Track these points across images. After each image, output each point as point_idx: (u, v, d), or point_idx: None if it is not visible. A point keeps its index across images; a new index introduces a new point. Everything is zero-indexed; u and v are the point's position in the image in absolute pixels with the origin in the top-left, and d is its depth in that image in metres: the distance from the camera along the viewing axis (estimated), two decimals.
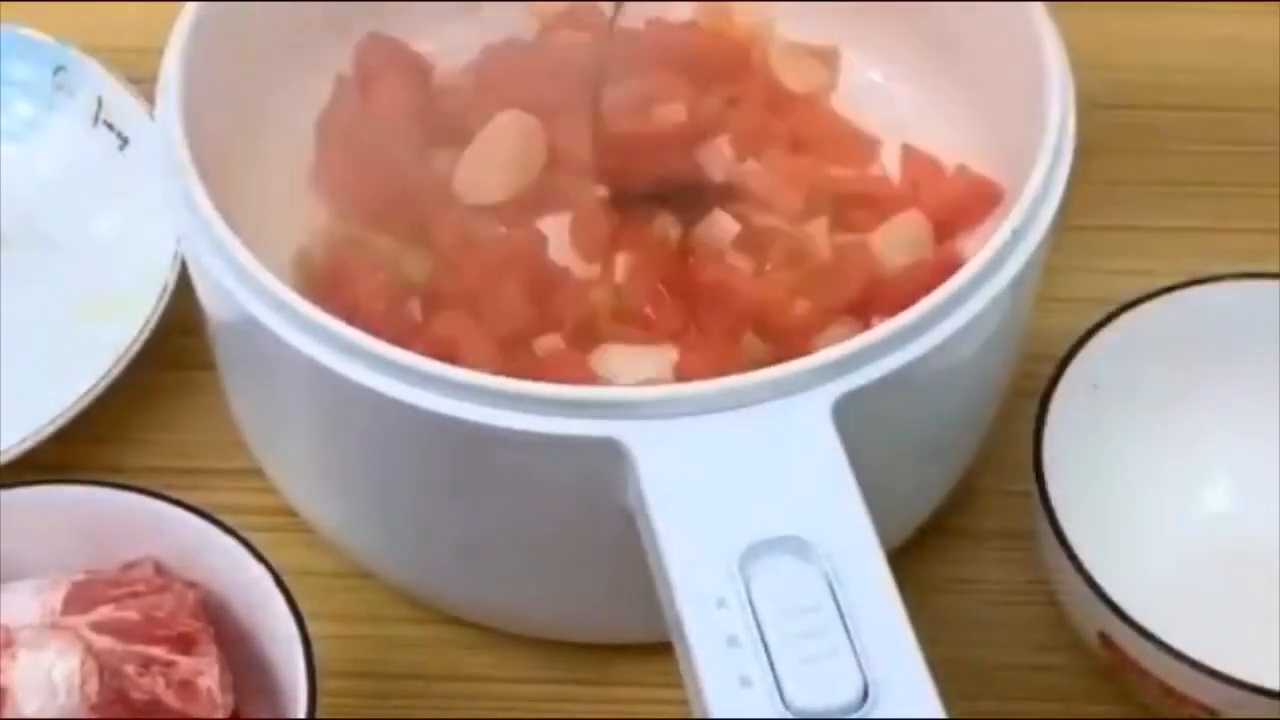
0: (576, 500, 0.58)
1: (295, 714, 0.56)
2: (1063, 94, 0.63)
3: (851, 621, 0.51)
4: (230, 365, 0.67)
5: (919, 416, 0.61)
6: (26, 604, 0.59)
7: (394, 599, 0.69)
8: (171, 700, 0.58)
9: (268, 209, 0.69)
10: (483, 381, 0.56)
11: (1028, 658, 0.68)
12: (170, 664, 0.58)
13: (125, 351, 0.71)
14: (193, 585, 0.60)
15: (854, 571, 0.52)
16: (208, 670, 0.59)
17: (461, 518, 0.61)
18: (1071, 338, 0.67)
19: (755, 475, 0.55)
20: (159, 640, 0.58)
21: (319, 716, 0.56)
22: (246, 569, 0.59)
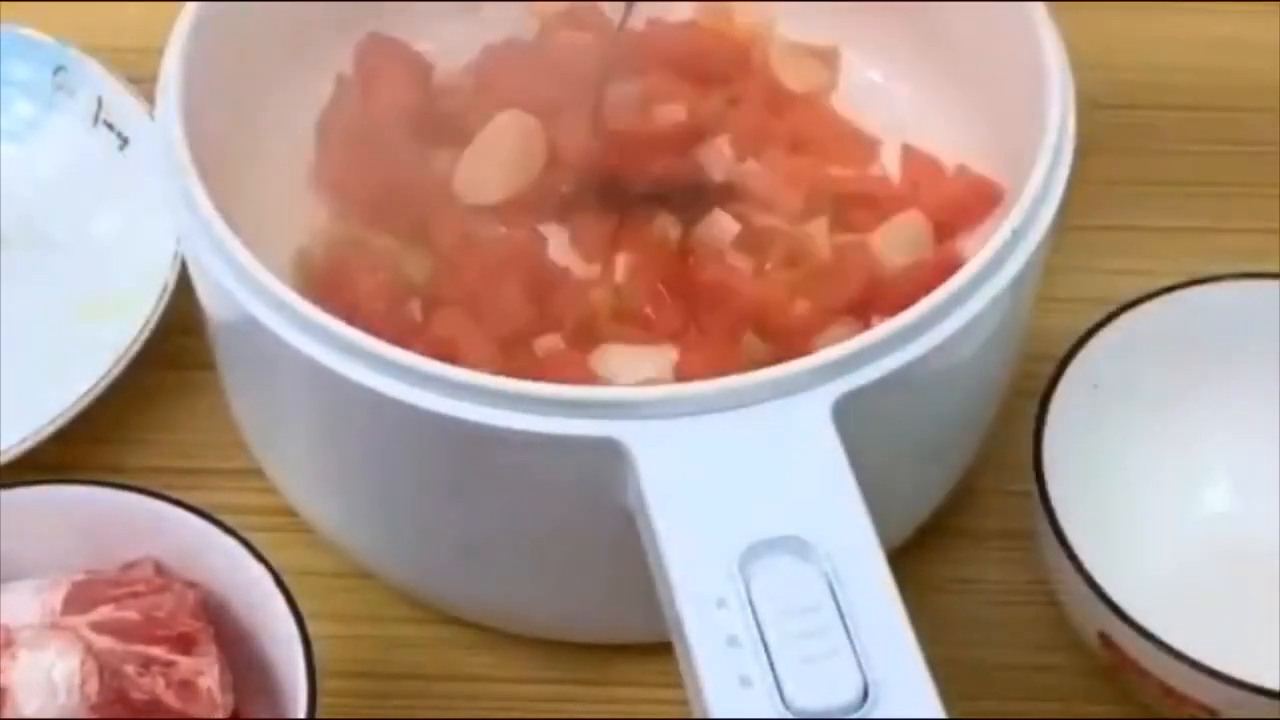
0: (576, 500, 0.58)
1: (295, 714, 0.56)
2: (1063, 94, 0.63)
3: (851, 621, 0.51)
4: (230, 365, 0.67)
5: (919, 416, 0.61)
6: (26, 604, 0.59)
7: (394, 599, 0.69)
8: (171, 700, 0.58)
9: (268, 209, 0.69)
10: (483, 381, 0.56)
11: (1028, 658, 0.68)
12: (170, 664, 0.58)
13: (125, 351, 0.71)
14: (193, 585, 0.60)
15: (854, 571, 0.52)
16: (208, 670, 0.59)
17: (461, 518, 0.61)
18: (1071, 338, 0.67)
19: (755, 475, 0.55)
20: (159, 640, 0.58)
21: (319, 716, 0.56)
22: (246, 569, 0.59)
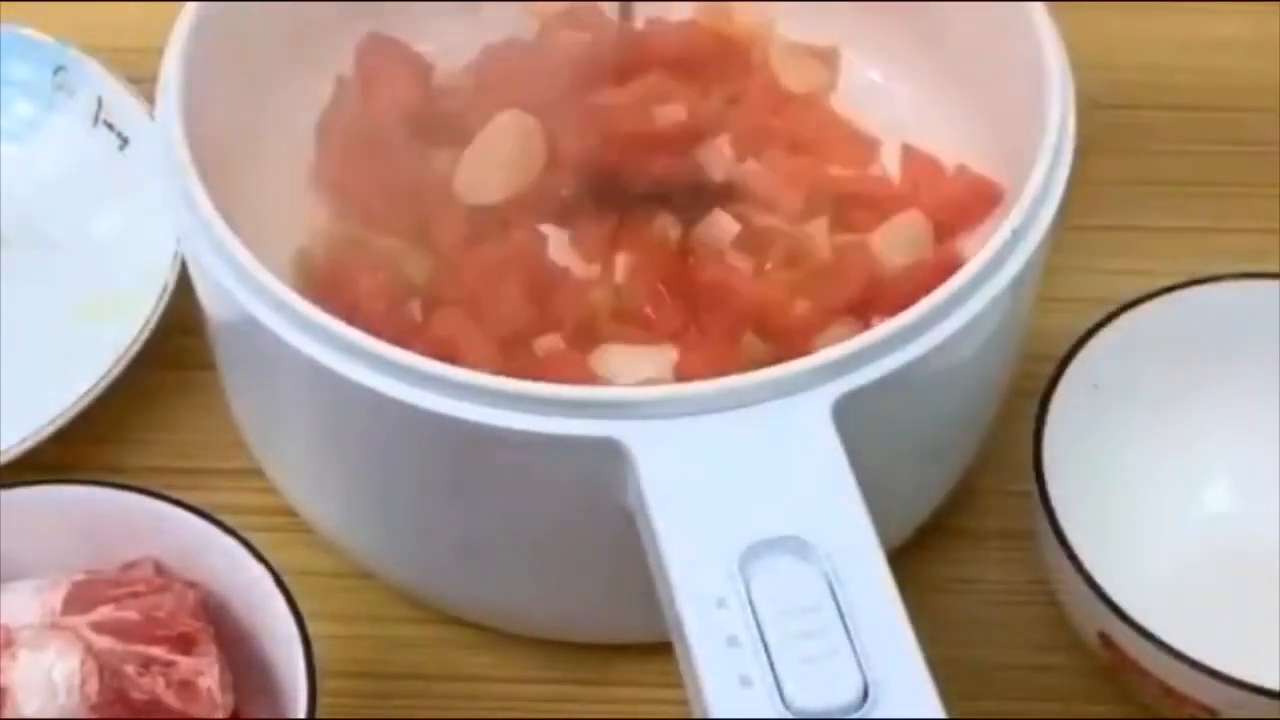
0: (576, 500, 0.58)
1: (295, 714, 0.56)
2: (1063, 94, 0.63)
3: (851, 621, 0.51)
4: (230, 365, 0.67)
5: (919, 416, 0.61)
6: (26, 604, 0.59)
7: (394, 599, 0.69)
8: (171, 700, 0.58)
9: (268, 209, 0.69)
10: (483, 381, 0.56)
11: (1028, 658, 0.68)
12: (170, 664, 0.58)
13: (125, 351, 0.71)
14: (193, 585, 0.60)
15: (854, 571, 0.52)
16: (208, 670, 0.59)
17: (461, 518, 0.61)
18: (1071, 338, 0.67)
19: (755, 475, 0.55)
20: (159, 640, 0.58)
21: (319, 716, 0.56)
22: (246, 569, 0.59)
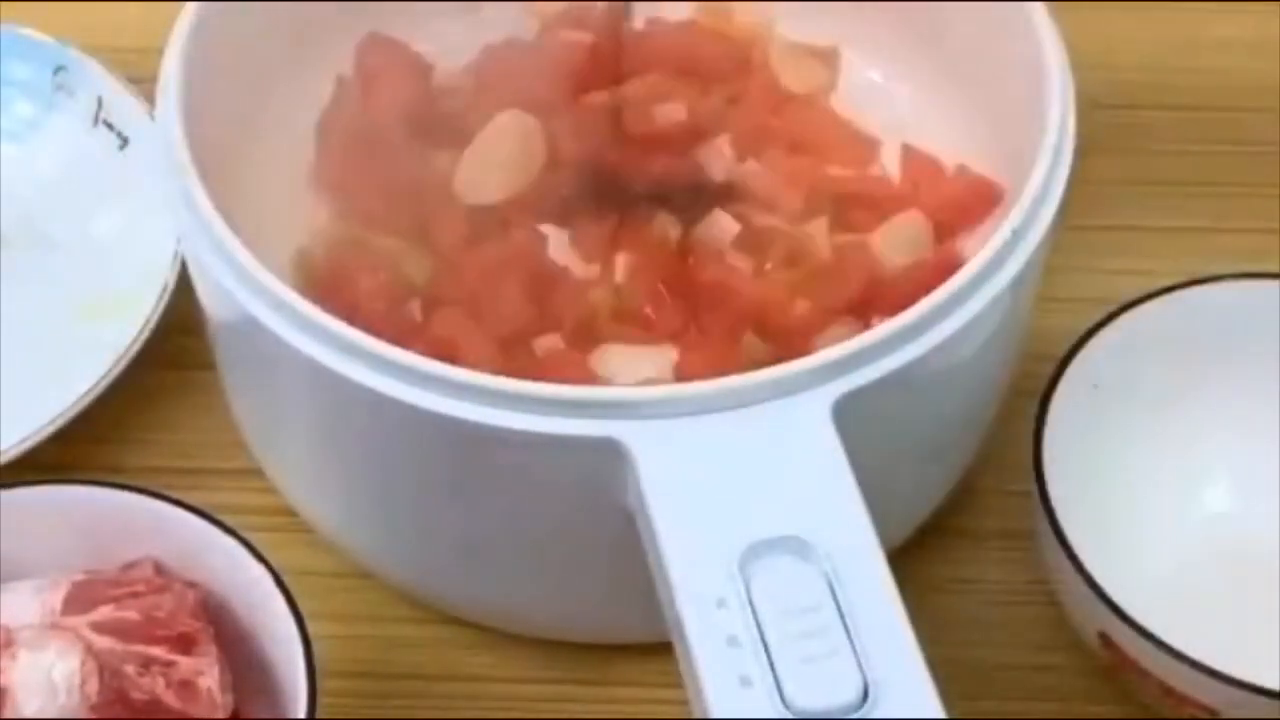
0: (576, 500, 0.58)
1: (295, 714, 0.56)
2: (1063, 94, 0.63)
3: (851, 621, 0.51)
4: (230, 365, 0.67)
5: (919, 416, 0.61)
6: (26, 604, 0.59)
7: (394, 599, 0.69)
8: (171, 700, 0.58)
9: (268, 209, 0.69)
10: (483, 381, 0.56)
11: (1028, 658, 0.68)
12: (170, 664, 0.58)
13: (125, 351, 0.71)
14: (193, 585, 0.60)
15: (854, 571, 0.52)
16: (208, 670, 0.59)
17: (461, 518, 0.61)
18: (1071, 338, 0.67)
19: (755, 475, 0.55)
20: (159, 640, 0.58)
21: (319, 716, 0.56)
22: (246, 569, 0.59)
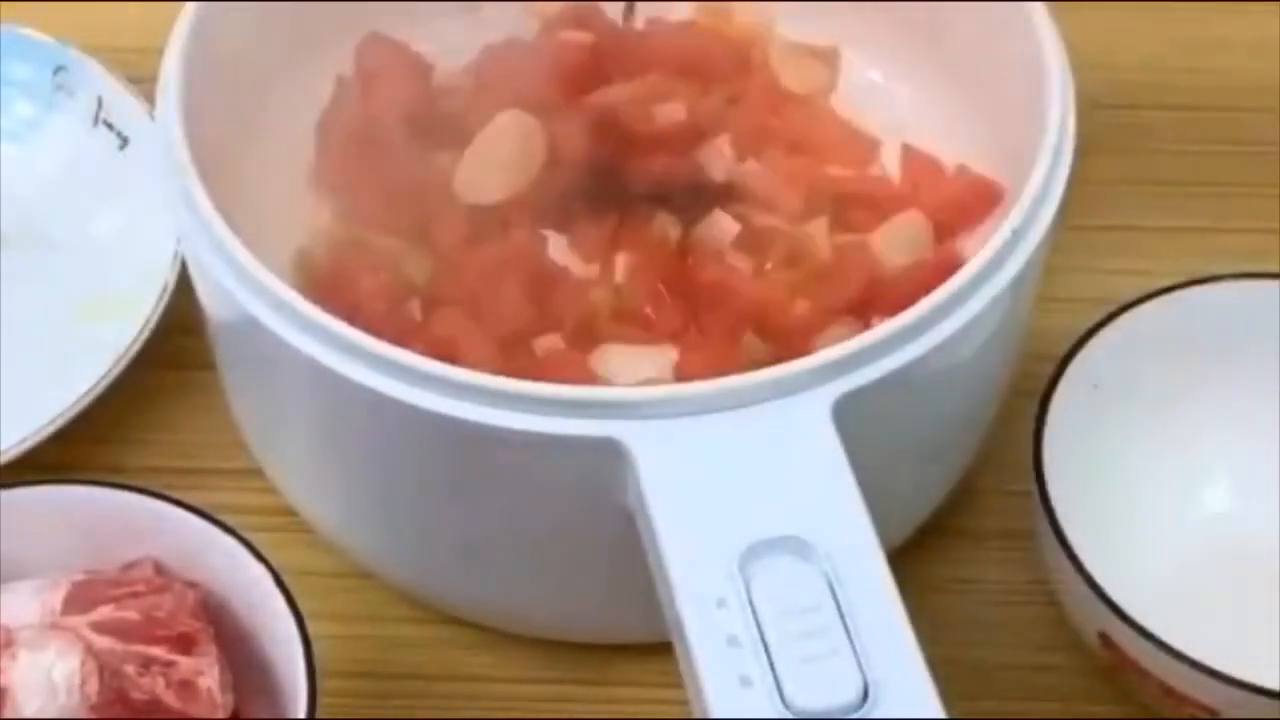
0: (576, 500, 0.58)
1: (295, 714, 0.56)
2: (1063, 94, 0.63)
3: (851, 621, 0.51)
4: (230, 365, 0.67)
5: (919, 416, 0.61)
6: (26, 604, 0.59)
7: (394, 599, 0.69)
8: (171, 700, 0.58)
9: (268, 209, 0.69)
10: (483, 381, 0.56)
11: (1028, 658, 0.68)
12: (170, 664, 0.58)
13: (125, 351, 0.71)
14: (193, 585, 0.60)
15: (854, 571, 0.52)
16: (208, 670, 0.59)
17: (461, 518, 0.61)
18: (1071, 338, 0.67)
19: (755, 475, 0.55)
20: (159, 640, 0.58)
21: (319, 716, 0.56)
22: (246, 569, 0.59)
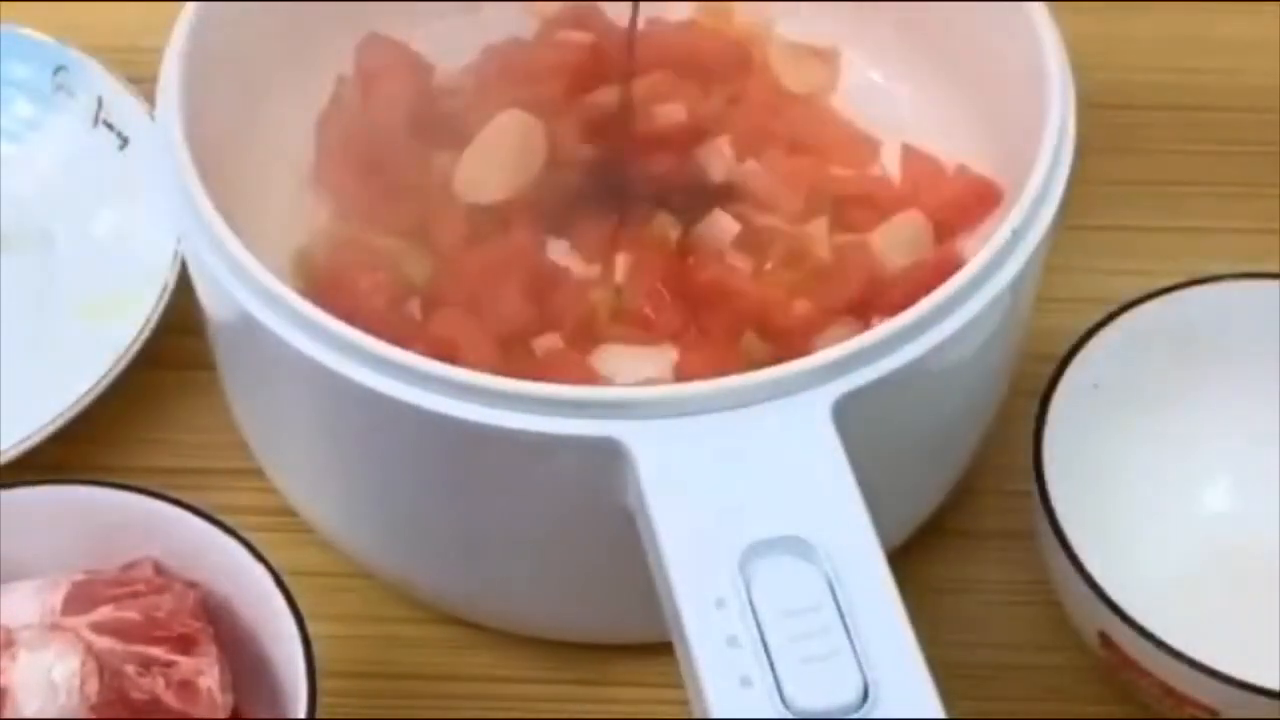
0: (576, 500, 0.58)
1: (295, 714, 0.56)
2: (1063, 94, 0.63)
3: (851, 621, 0.51)
4: (230, 365, 0.67)
5: (919, 417, 0.61)
6: (26, 604, 0.59)
7: (394, 599, 0.69)
8: (171, 700, 0.58)
9: (268, 209, 0.69)
10: (483, 381, 0.56)
11: (1028, 658, 0.68)
12: (170, 664, 0.58)
13: (125, 351, 0.71)
14: (193, 585, 0.60)
15: (854, 571, 0.52)
16: (208, 670, 0.59)
17: (461, 518, 0.61)
18: (1071, 338, 0.67)
19: (755, 475, 0.55)
20: (159, 640, 0.58)
21: (319, 716, 0.56)
22: (246, 569, 0.59)
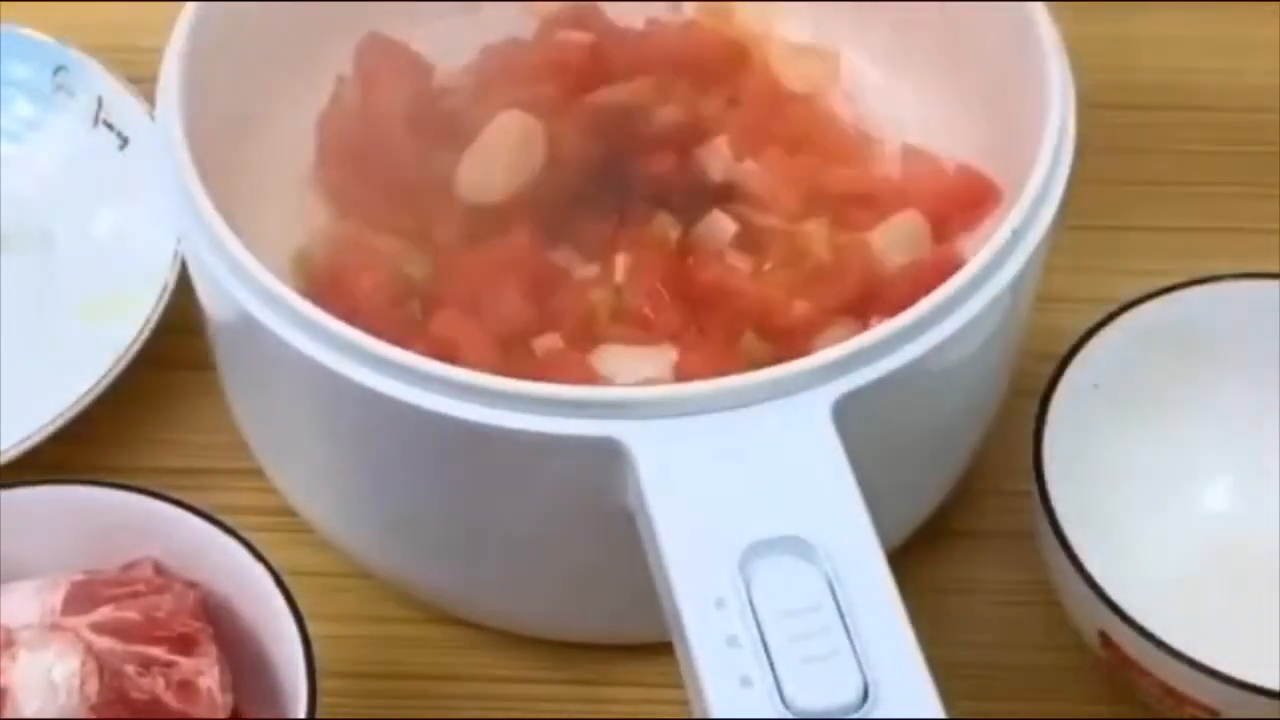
0: (576, 500, 0.58)
1: (295, 714, 0.56)
2: (1063, 94, 0.63)
3: (851, 621, 0.51)
4: (230, 365, 0.67)
5: (919, 416, 0.61)
6: (26, 604, 0.59)
7: (393, 599, 0.69)
8: (171, 700, 0.58)
9: (268, 209, 0.69)
10: (483, 381, 0.56)
11: (1028, 658, 0.68)
12: (170, 664, 0.58)
13: (125, 351, 0.71)
14: (193, 585, 0.60)
15: (854, 571, 0.52)
16: (208, 670, 0.59)
17: (461, 518, 0.61)
18: (1071, 338, 0.67)
19: (755, 475, 0.55)
20: (159, 640, 0.58)
21: (319, 716, 0.56)
22: (246, 569, 0.59)
